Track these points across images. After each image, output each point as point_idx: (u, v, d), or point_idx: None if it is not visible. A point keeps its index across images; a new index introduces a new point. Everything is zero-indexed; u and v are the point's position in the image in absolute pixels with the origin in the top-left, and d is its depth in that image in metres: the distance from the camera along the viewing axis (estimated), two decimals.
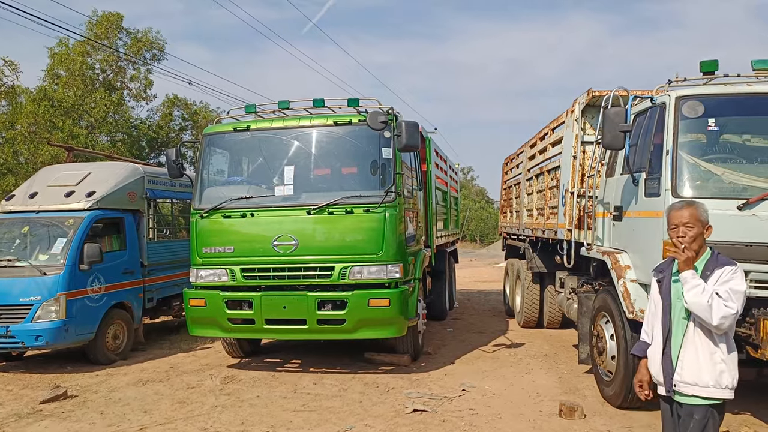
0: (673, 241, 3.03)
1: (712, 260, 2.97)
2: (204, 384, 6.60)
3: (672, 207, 3.08)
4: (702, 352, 2.92)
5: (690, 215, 2.96)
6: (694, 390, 2.92)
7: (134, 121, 30.08)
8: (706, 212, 3.01)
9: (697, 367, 2.92)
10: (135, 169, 8.82)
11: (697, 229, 2.96)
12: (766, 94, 4.83)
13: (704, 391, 2.91)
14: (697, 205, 3.02)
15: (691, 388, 2.93)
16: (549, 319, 9.25)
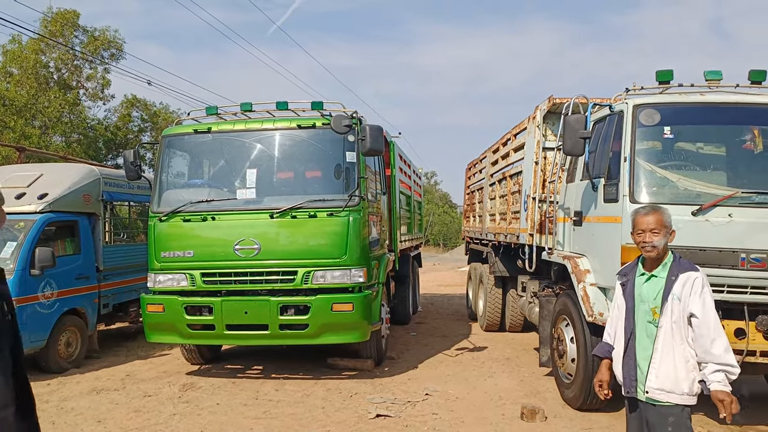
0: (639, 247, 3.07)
1: (674, 264, 3.00)
2: (162, 392, 6.42)
3: (637, 212, 3.11)
4: (678, 360, 2.93)
5: (656, 221, 3.00)
6: (670, 397, 2.93)
7: (90, 122, 29.24)
8: (671, 217, 3.06)
9: (675, 375, 2.92)
10: (90, 170, 8.55)
11: (663, 235, 2.99)
12: (717, 104, 5.01)
13: (679, 398, 2.93)
14: (662, 211, 3.05)
15: (667, 395, 2.94)
16: (511, 323, 9.36)
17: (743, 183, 4.78)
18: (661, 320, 2.96)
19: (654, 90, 5.30)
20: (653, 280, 3.03)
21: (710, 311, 2.89)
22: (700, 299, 2.89)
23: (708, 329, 2.87)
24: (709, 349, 2.86)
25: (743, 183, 4.78)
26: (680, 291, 2.92)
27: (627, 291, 3.14)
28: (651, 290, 3.02)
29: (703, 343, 2.87)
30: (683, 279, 2.93)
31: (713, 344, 2.85)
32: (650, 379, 2.97)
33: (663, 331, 2.96)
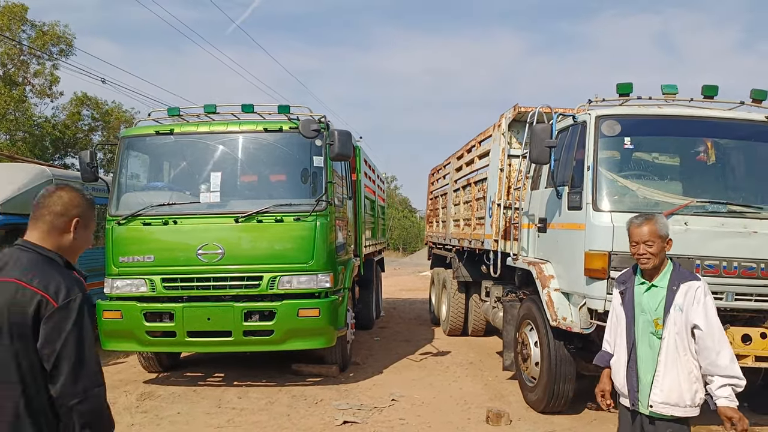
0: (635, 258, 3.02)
1: (675, 273, 2.94)
2: (118, 401, 6.20)
3: (631, 223, 3.04)
4: (681, 372, 2.88)
5: (649, 232, 2.93)
6: (674, 410, 2.89)
7: (37, 120, 28.09)
8: (666, 226, 2.99)
9: (679, 389, 2.87)
10: (42, 171, 8.22)
11: (657, 246, 2.92)
12: (674, 117, 5.22)
13: (683, 411, 2.89)
14: (655, 220, 2.98)
15: (671, 409, 2.89)
16: (474, 327, 9.48)
17: (698, 193, 4.99)
18: (664, 332, 2.89)
19: (614, 102, 5.48)
20: (653, 290, 2.97)
21: (714, 321, 2.84)
22: (702, 309, 2.83)
23: (713, 340, 2.81)
24: (715, 361, 2.80)
25: (698, 193, 4.99)
26: (682, 301, 2.86)
27: (626, 300, 3.07)
28: (652, 301, 2.96)
29: (708, 355, 2.81)
30: (684, 289, 2.87)
31: (719, 356, 2.79)
32: (655, 393, 2.91)
33: (666, 343, 2.89)
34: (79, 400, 1.88)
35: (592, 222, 4.92)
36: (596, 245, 4.85)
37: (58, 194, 2.07)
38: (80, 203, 2.10)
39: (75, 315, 1.90)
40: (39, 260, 1.98)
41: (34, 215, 2.06)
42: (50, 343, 1.86)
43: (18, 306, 1.87)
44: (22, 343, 1.86)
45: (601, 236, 4.82)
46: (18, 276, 1.91)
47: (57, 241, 2.05)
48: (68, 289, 1.91)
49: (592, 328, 5.07)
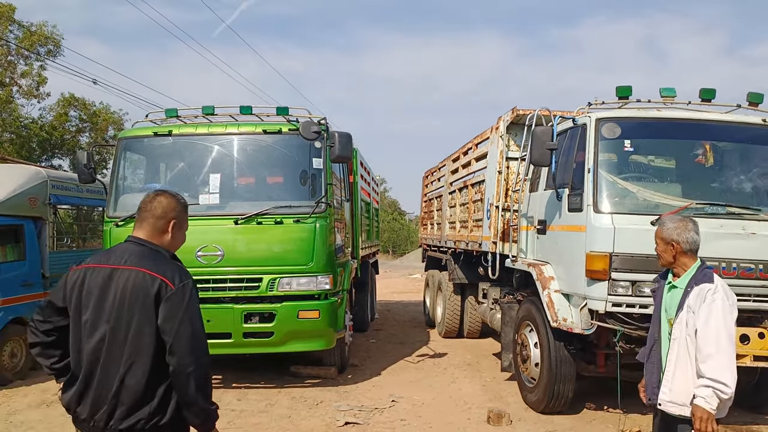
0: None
1: (696, 275, 2.97)
2: None
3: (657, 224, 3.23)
4: (693, 373, 2.89)
5: (656, 234, 3.11)
6: (682, 410, 2.92)
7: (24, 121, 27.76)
8: (669, 230, 3.05)
9: (687, 387, 2.89)
10: (37, 172, 8.13)
11: (660, 247, 3.07)
12: (673, 120, 5.30)
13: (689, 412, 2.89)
14: (660, 224, 3.13)
15: (679, 409, 2.93)
16: (469, 329, 9.51)
17: (696, 195, 5.07)
18: (675, 331, 2.95)
19: (613, 105, 5.55)
20: (674, 291, 3.05)
21: (713, 325, 2.80)
22: (706, 311, 2.84)
23: (705, 343, 2.80)
24: (700, 364, 2.82)
25: (696, 195, 5.07)
26: (693, 302, 2.89)
27: (656, 298, 3.19)
28: (672, 301, 3.04)
29: (700, 357, 2.83)
30: (697, 290, 2.89)
31: (708, 359, 2.79)
32: (663, 392, 2.98)
33: (677, 343, 2.94)
34: (194, 368, 2.22)
35: (593, 224, 4.98)
36: (597, 247, 4.90)
37: (158, 200, 2.44)
38: (176, 207, 2.47)
39: (188, 297, 2.27)
40: (149, 253, 2.36)
41: (140, 217, 2.45)
42: (170, 319, 2.22)
43: (141, 288, 2.23)
44: (145, 317, 2.23)
45: (602, 238, 4.88)
46: (137, 264, 2.28)
47: (159, 239, 2.43)
48: (181, 275, 2.30)
49: (593, 329, 5.12)
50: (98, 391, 2.24)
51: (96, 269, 2.32)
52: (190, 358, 2.22)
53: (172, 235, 2.46)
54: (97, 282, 2.29)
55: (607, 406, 5.87)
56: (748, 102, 5.35)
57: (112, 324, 2.24)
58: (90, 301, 2.28)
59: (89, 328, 2.27)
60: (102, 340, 2.25)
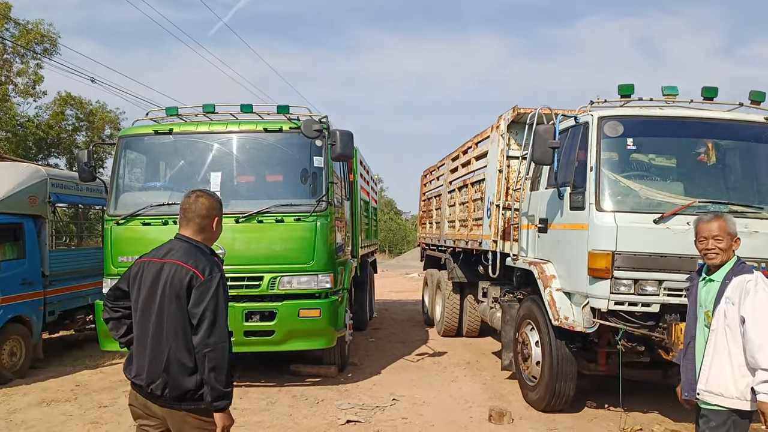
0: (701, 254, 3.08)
1: (733, 268, 2.98)
2: (118, 402, 6.14)
3: (700, 219, 3.12)
4: (733, 364, 2.90)
5: (719, 228, 2.99)
6: (718, 400, 2.93)
7: (20, 119, 27.64)
8: (734, 224, 3.04)
9: (723, 377, 2.90)
10: (37, 170, 8.10)
11: (726, 242, 2.98)
12: (676, 118, 5.31)
13: (728, 402, 2.91)
14: (725, 218, 3.05)
15: (715, 398, 2.93)
16: (468, 328, 9.51)
17: (699, 193, 5.07)
18: (713, 323, 2.95)
19: (616, 103, 5.55)
20: (710, 284, 3.04)
21: (761, 314, 2.81)
22: (751, 302, 2.83)
23: (756, 333, 2.79)
24: (754, 355, 2.79)
25: (699, 193, 5.07)
26: (732, 294, 2.89)
27: (691, 296, 3.18)
28: (708, 294, 3.03)
29: (750, 348, 2.81)
30: (736, 282, 2.90)
31: (760, 350, 2.77)
32: (701, 381, 2.99)
33: (715, 335, 2.94)
34: (210, 349, 2.54)
35: (595, 222, 4.98)
36: (600, 245, 4.91)
37: (201, 201, 2.77)
38: (217, 206, 2.83)
39: (215, 287, 2.59)
40: (192, 248, 2.70)
41: (186, 217, 2.77)
42: (197, 305, 2.57)
43: (179, 279, 2.60)
44: (179, 303, 2.59)
45: (605, 236, 4.89)
46: (178, 258, 2.65)
47: (203, 236, 2.78)
48: (211, 268, 2.63)
49: (595, 327, 5.13)
50: (153, 365, 2.61)
51: (151, 262, 2.71)
52: (209, 341, 2.54)
53: (214, 231, 2.82)
54: (151, 273, 2.67)
55: (608, 404, 5.88)
56: (750, 100, 5.35)
57: (161, 308, 2.62)
58: (146, 288, 2.67)
59: (146, 311, 2.67)
60: (154, 322, 2.63)
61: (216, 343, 2.55)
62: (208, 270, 2.61)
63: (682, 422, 5.48)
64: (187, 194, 2.82)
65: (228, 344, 2.62)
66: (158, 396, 2.61)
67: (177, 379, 2.58)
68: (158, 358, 2.60)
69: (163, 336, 2.61)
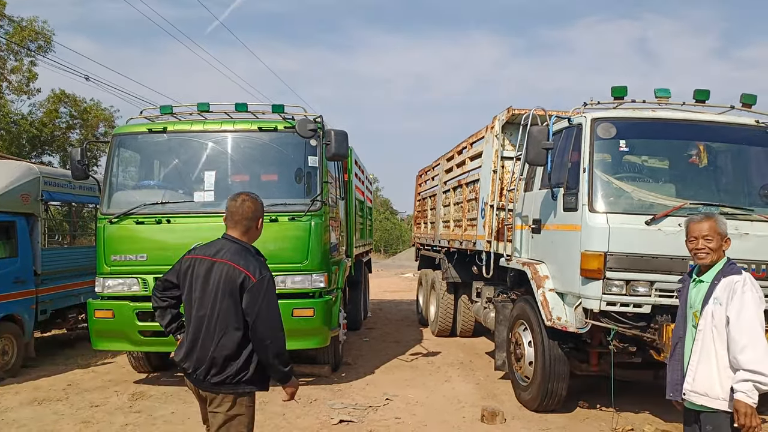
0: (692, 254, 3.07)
1: (723, 269, 2.96)
2: (110, 401, 6.13)
3: (691, 219, 3.10)
4: (720, 364, 2.87)
5: (710, 228, 2.98)
6: (704, 400, 2.91)
7: (14, 117, 27.49)
8: (725, 225, 3.03)
9: (710, 378, 2.89)
10: (29, 168, 8.06)
11: (716, 242, 2.97)
12: (668, 120, 5.34)
13: (714, 403, 2.88)
14: (716, 218, 3.04)
15: (701, 398, 2.92)
16: (462, 328, 9.54)
17: (691, 195, 5.11)
18: (700, 323, 2.94)
19: (609, 105, 5.59)
20: (699, 285, 3.03)
21: (746, 316, 2.80)
22: (738, 303, 2.83)
23: (739, 334, 2.78)
24: (736, 355, 2.78)
25: (691, 195, 5.11)
26: (721, 294, 2.88)
27: (681, 297, 3.17)
28: (697, 295, 3.03)
29: (733, 348, 2.80)
30: (725, 282, 2.89)
31: (743, 351, 2.76)
32: (687, 381, 2.98)
33: (702, 335, 2.93)
34: (270, 341, 2.87)
35: (588, 223, 5.00)
36: (592, 246, 4.93)
37: (247, 204, 3.01)
38: (260, 207, 3.07)
39: (266, 287, 2.87)
40: (240, 249, 2.94)
41: (233, 219, 3.00)
42: (252, 305, 2.84)
43: (231, 279, 2.85)
44: (233, 301, 2.86)
45: (597, 237, 4.91)
46: (230, 259, 2.89)
47: (249, 236, 3.03)
48: (261, 270, 2.89)
49: (587, 328, 5.15)
50: (201, 352, 2.91)
51: (202, 260, 2.96)
52: (268, 334, 2.87)
53: (258, 231, 3.08)
54: (202, 270, 2.93)
55: (600, 404, 5.91)
56: (742, 103, 5.39)
57: (212, 303, 2.89)
58: (198, 284, 2.93)
59: (197, 305, 2.93)
60: (204, 315, 2.90)
61: (275, 335, 2.89)
62: (258, 271, 2.87)
63: (673, 422, 5.51)
64: (233, 197, 3.03)
65: (283, 334, 2.94)
66: (201, 380, 2.93)
67: (220, 366, 2.87)
68: (207, 347, 2.89)
69: (213, 328, 2.89)
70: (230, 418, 2.93)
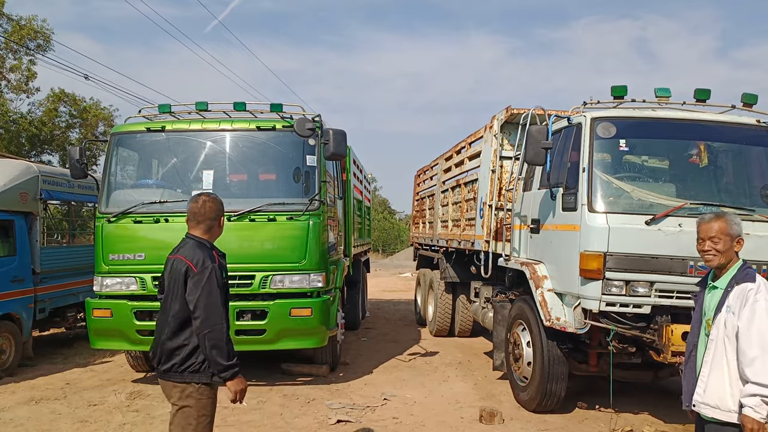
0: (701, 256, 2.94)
1: (737, 274, 2.80)
2: (108, 400, 6.11)
3: (701, 219, 2.94)
4: (730, 377, 2.74)
5: (718, 229, 2.82)
6: (715, 413, 2.77)
7: (13, 116, 27.44)
8: (738, 225, 2.86)
9: (721, 390, 2.75)
10: (28, 167, 8.04)
11: (724, 243, 2.81)
12: (669, 119, 5.31)
13: (725, 416, 2.74)
14: (726, 218, 2.86)
15: (711, 411, 2.78)
16: (460, 328, 9.51)
17: (691, 195, 5.09)
18: (712, 332, 2.80)
19: (609, 104, 5.56)
20: (714, 291, 2.89)
21: (756, 326, 2.65)
22: (748, 312, 2.67)
23: (749, 345, 2.64)
24: (745, 368, 2.65)
25: (691, 195, 5.09)
26: (734, 303, 2.73)
27: (697, 303, 3.02)
28: (711, 301, 2.88)
29: (742, 359, 2.66)
30: (738, 290, 2.73)
31: (752, 363, 2.63)
32: (698, 393, 2.84)
33: (714, 345, 2.78)
34: (208, 330, 2.94)
35: (587, 223, 4.98)
36: (591, 246, 4.91)
37: (209, 205, 3.17)
38: (220, 206, 3.25)
39: (207, 277, 2.98)
40: (196, 244, 3.10)
41: (196, 219, 3.16)
42: (191, 294, 2.97)
43: (177, 270, 3.02)
44: (179, 291, 3.00)
45: (597, 237, 4.89)
46: (182, 254, 3.06)
47: (211, 234, 3.21)
48: (204, 260, 3.01)
49: (586, 328, 5.13)
50: (155, 341, 3.11)
51: (169, 258, 3.14)
52: (205, 323, 2.94)
53: (220, 228, 3.27)
54: (167, 267, 3.11)
55: (599, 405, 5.89)
56: (743, 103, 5.37)
57: (167, 296, 3.07)
58: (165, 281, 3.12)
59: (163, 299, 3.13)
60: (163, 309, 3.09)
61: (213, 325, 2.94)
62: (201, 262, 2.99)
63: (672, 423, 5.50)
64: (194, 198, 3.19)
65: (224, 325, 3.00)
66: (157, 368, 3.08)
67: (168, 354, 3.02)
68: (160, 336, 3.06)
69: (165, 318, 3.05)
70: (178, 409, 3.03)
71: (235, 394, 3.05)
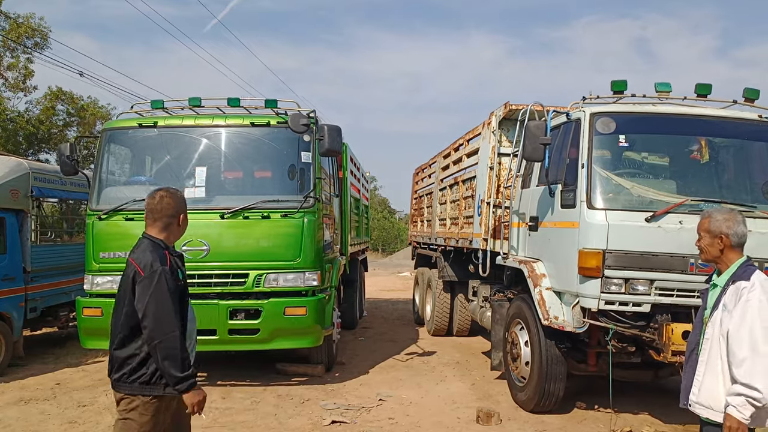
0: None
1: (736, 272, 2.76)
2: (98, 401, 6.01)
3: (701, 214, 3.00)
4: (724, 377, 2.70)
5: (699, 225, 2.89)
6: (708, 413, 2.75)
7: (10, 114, 27.34)
8: (719, 222, 2.82)
9: (716, 391, 2.72)
10: (19, 164, 7.93)
11: (706, 240, 2.84)
12: (669, 115, 5.22)
13: (719, 416, 2.70)
14: (708, 215, 2.89)
15: (705, 411, 2.76)
16: (458, 327, 9.41)
17: (692, 191, 4.99)
18: (708, 331, 2.77)
19: (609, 99, 5.46)
20: (714, 289, 2.85)
21: (747, 326, 2.60)
22: (740, 310, 2.63)
23: (739, 347, 2.60)
24: (734, 368, 2.61)
25: (692, 191, 4.99)
26: (729, 301, 2.70)
27: (703, 301, 2.98)
28: (711, 300, 2.85)
29: (732, 360, 2.63)
30: (734, 288, 2.70)
31: (741, 364, 2.59)
32: (693, 392, 2.82)
33: (709, 344, 2.75)
34: (159, 341, 2.67)
35: (586, 220, 4.88)
36: (590, 243, 4.81)
37: (166, 200, 2.90)
38: (182, 204, 2.98)
39: (156, 281, 2.69)
40: (149, 245, 2.82)
41: (152, 216, 2.90)
42: (139, 301, 2.71)
43: (127, 275, 2.78)
44: (128, 297, 2.76)
45: (596, 234, 4.79)
46: (133, 256, 2.81)
47: (170, 233, 2.94)
48: (153, 263, 2.72)
49: (585, 327, 5.04)
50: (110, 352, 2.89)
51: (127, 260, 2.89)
52: (156, 333, 2.67)
53: (180, 227, 2.99)
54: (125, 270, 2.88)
55: (598, 405, 5.80)
56: (744, 98, 5.28)
57: (118, 302, 2.84)
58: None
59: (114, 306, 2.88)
60: (115, 315, 2.86)
61: (165, 334, 2.68)
62: (149, 265, 2.72)
63: (672, 424, 5.40)
64: (151, 194, 2.93)
65: (177, 334, 2.71)
66: (109, 377, 2.88)
67: (118, 365, 2.81)
68: (111, 345, 2.85)
69: (116, 325, 2.82)
70: (120, 419, 2.84)
71: (191, 406, 2.77)
